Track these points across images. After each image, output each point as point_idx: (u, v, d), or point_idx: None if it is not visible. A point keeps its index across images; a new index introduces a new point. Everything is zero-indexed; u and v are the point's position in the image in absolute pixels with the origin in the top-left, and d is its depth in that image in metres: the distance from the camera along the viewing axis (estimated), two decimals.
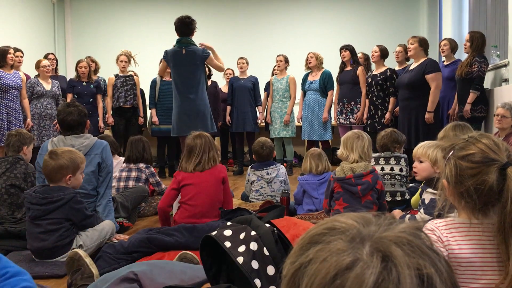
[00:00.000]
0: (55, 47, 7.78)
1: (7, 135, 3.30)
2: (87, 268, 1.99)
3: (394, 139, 3.43)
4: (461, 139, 1.23)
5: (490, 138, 1.19)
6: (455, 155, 1.20)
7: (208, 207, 2.75)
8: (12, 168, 3.05)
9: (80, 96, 5.45)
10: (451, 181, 1.20)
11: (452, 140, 1.27)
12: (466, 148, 1.18)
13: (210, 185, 2.77)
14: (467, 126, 3.00)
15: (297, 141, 6.57)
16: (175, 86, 4.34)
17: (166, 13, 7.90)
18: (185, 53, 4.24)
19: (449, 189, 1.22)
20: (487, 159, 1.14)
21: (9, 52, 4.71)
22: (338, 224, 0.53)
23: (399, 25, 7.44)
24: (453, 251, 1.16)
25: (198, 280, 1.68)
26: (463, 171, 1.17)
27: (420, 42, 4.55)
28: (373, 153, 3.40)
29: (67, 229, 2.38)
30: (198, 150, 2.81)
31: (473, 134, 1.23)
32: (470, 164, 1.16)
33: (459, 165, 1.18)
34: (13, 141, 3.20)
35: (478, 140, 1.19)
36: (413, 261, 0.48)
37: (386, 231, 0.51)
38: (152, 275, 1.62)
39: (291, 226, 2.47)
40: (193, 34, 4.33)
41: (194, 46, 4.29)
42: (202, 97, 4.32)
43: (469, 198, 1.16)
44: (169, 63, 4.34)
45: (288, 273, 0.53)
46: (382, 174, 3.30)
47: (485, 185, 1.13)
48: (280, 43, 7.54)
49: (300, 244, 0.55)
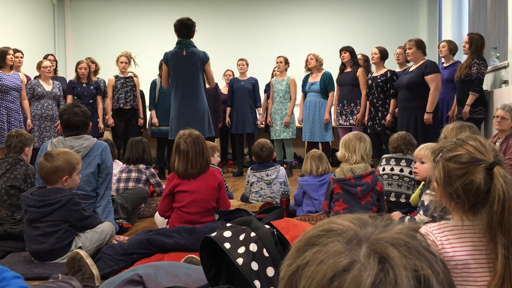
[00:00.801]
0: (55, 48, 7.78)
1: (7, 136, 3.29)
2: (88, 269, 1.99)
3: (408, 141, 3.49)
4: (449, 142, 1.25)
5: (477, 140, 1.21)
6: (443, 157, 1.22)
7: (203, 213, 2.69)
8: (12, 169, 3.05)
9: (80, 97, 5.46)
10: (440, 183, 1.22)
11: (441, 143, 1.29)
12: (454, 150, 1.21)
13: (204, 192, 2.68)
14: (472, 127, 2.96)
15: (297, 143, 6.58)
16: (175, 87, 4.27)
17: (166, 14, 7.92)
18: (185, 55, 4.20)
19: (439, 190, 1.25)
20: (474, 159, 1.17)
21: (9, 53, 4.71)
22: (335, 226, 0.54)
23: (399, 27, 7.45)
24: (447, 254, 1.17)
25: (202, 283, 1.68)
26: (451, 172, 1.19)
27: (417, 44, 4.55)
28: (385, 154, 3.50)
29: (66, 231, 2.37)
30: (191, 154, 2.66)
31: (461, 136, 1.26)
32: (457, 165, 1.18)
33: (447, 166, 1.20)
34: (15, 142, 3.19)
35: (465, 142, 1.21)
36: (410, 262, 0.48)
37: (382, 233, 0.51)
38: (157, 278, 1.62)
39: (290, 227, 2.47)
40: (193, 36, 4.30)
41: (194, 48, 4.26)
42: (200, 100, 4.26)
43: (458, 198, 1.18)
44: (169, 65, 4.26)
45: (285, 275, 0.53)
46: (390, 174, 3.36)
47: (472, 185, 1.15)
48: (280, 44, 7.55)
49: (297, 246, 0.55)
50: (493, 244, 1.12)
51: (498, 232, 1.11)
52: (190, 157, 2.66)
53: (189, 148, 2.67)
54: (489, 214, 1.13)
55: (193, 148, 2.67)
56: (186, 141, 2.68)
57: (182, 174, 2.69)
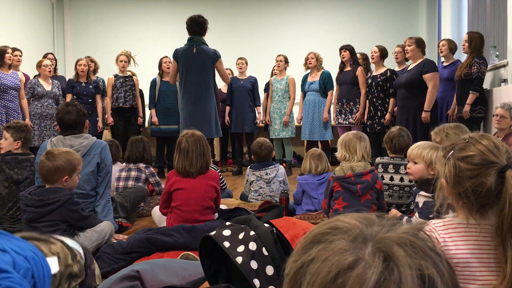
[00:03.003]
0: (54, 47, 7.78)
1: (18, 127, 3.26)
2: None
3: (409, 141, 3.15)
4: (461, 139, 1.22)
5: (490, 140, 1.18)
6: (454, 156, 1.19)
7: (201, 212, 2.68)
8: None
9: (79, 96, 5.45)
10: (450, 181, 1.20)
11: (453, 139, 1.26)
12: (466, 149, 1.18)
13: (201, 189, 2.67)
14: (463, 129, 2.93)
15: (296, 142, 6.58)
16: (183, 85, 4.21)
17: (165, 13, 7.92)
18: (196, 52, 4.13)
19: (448, 188, 1.22)
20: (486, 161, 1.14)
21: (7, 52, 4.70)
22: (341, 224, 0.54)
23: (398, 26, 7.45)
24: (449, 251, 1.16)
25: (199, 276, 1.69)
26: (462, 172, 1.16)
27: (417, 42, 4.56)
28: (380, 159, 3.26)
29: (64, 231, 2.36)
30: (191, 154, 2.67)
31: (473, 134, 1.22)
32: (469, 165, 1.15)
33: (458, 166, 1.17)
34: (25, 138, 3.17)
35: (478, 141, 1.18)
36: (415, 262, 0.48)
37: (388, 232, 0.51)
38: (154, 272, 1.63)
39: (290, 226, 2.47)
40: (205, 34, 4.24)
41: (205, 45, 4.20)
42: (209, 99, 4.19)
43: (466, 199, 1.16)
44: (179, 61, 4.19)
45: (290, 271, 0.53)
46: (391, 185, 3.12)
47: (483, 187, 1.13)
48: (279, 43, 7.55)
49: (303, 243, 0.55)
50: (502, 248, 1.10)
51: (508, 236, 1.09)
52: (190, 156, 2.67)
53: (189, 147, 2.68)
54: (499, 218, 1.11)
55: (193, 148, 2.68)
56: (188, 140, 2.70)
57: (181, 172, 2.71)
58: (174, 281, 1.63)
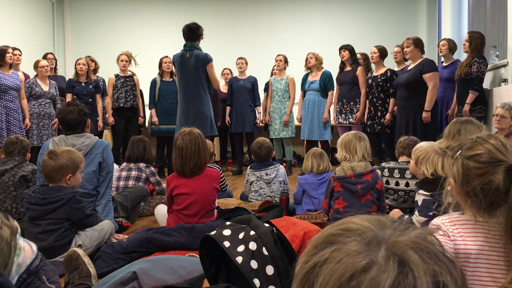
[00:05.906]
0: (54, 46, 7.78)
1: (9, 143, 3.29)
2: (85, 267, 1.99)
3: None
4: (469, 139, 1.23)
5: (498, 139, 1.19)
6: (462, 155, 1.20)
7: (203, 215, 2.67)
8: (19, 165, 3.15)
9: (79, 96, 5.46)
10: (458, 180, 1.21)
11: (460, 139, 1.27)
12: (474, 148, 1.19)
13: (204, 193, 2.66)
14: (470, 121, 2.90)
15: (296, 141, 6.58)
16: (179, 88, 4.53)
17: (165, 13, 7.92)
18: (189, 57, 4.42)
19: (456, 188, 1.23)
20: (494, 159, 1.15)
21: (8, 51, 4.70)
22: (354, 226, 0.54)
23: (398, 25, 7.45)
24: (458, 246, 1.17)
25: (197, 274, 1.69)
26: (470, 170, 1.17)
27: (415, 43, 4.55)
28: (385, 163, 3.24)
29: (66, 229, 2.37)
30: (185, 152, 2.65)
31: (481, 134, 1.24)
32: (477, 164, 1.16)
33: (466, 164, 1.18)
34: (19, 149, 3.25)
35: (485, 140, 1.19)
36: (429, 267, 0.47)
37: (401, 236, 0.51)
38: (150, 271, 1.63)
39: (290, 226, 2.47)
40: (199, 39, 4.51)
41: (198, 50, 4.45)
42: (202, 101, 4.44)
43: (475, 197, 1.17)
44: (175, 66, 4.56)
45: (301, 271, 0.53)
46: (396, 190, 3.10)
47: (491, 185, 1.13)
48: (279, 43, 7.55)
49: (314, 243, 0.55)
50: (511, 246, 1.11)
51: None
52: (185, 154, 2.66)
53: (184, 145, 2.66)
54: (508, 216, 1.11)
55: (188, 146, 2.66)
56: (184, 138, 2.69)
57: (178, 171, 2.71)
58: (171, 280, 1.64)
